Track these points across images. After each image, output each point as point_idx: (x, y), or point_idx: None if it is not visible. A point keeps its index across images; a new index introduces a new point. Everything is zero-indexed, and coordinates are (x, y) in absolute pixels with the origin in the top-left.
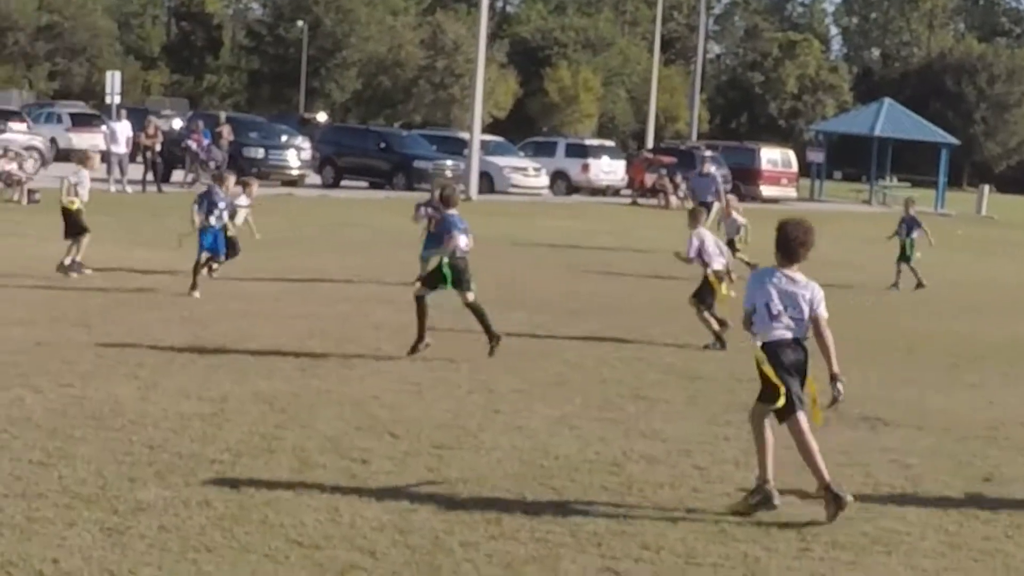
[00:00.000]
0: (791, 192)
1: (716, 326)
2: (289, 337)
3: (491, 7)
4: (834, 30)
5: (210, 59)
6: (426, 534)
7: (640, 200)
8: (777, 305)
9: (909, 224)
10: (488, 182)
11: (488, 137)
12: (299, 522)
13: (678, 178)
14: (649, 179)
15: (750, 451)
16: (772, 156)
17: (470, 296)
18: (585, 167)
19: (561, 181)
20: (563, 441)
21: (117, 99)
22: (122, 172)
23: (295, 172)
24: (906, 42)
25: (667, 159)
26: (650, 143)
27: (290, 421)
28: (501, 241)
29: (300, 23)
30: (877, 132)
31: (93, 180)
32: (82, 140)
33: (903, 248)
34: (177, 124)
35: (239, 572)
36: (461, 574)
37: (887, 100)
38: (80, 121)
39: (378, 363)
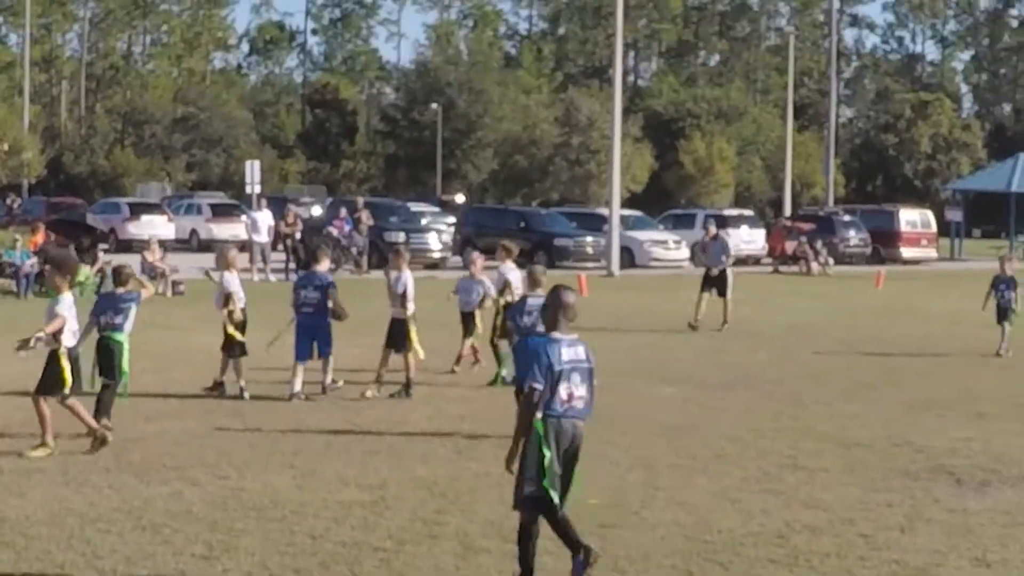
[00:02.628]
0: (931, 253)
1: None
2: (443, 420)
3: (623, 82)
4: (964, 88)
5: (346, 145)
6: None
7: (781, 268)
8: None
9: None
10: (629, 256)
11: (627, 212)
12: None
13: (818, 244)
14: (789, 246)
15: (914, 516)
16: (911, 217)
17: None
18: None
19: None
20: (725, 515)
21: (257, 188)
22: (264, 261)
23: (436, 255)
24: None
25: (806, 226)
26: (787, 210)
27: (451, 506)
28: (644, 315)
29: (434, 106)
30: (1014, 188)
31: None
32: (222, 231)
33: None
34: (317, 211)
35: None
36: None
37: (1022, 155)
38: (220, 212)
39: None
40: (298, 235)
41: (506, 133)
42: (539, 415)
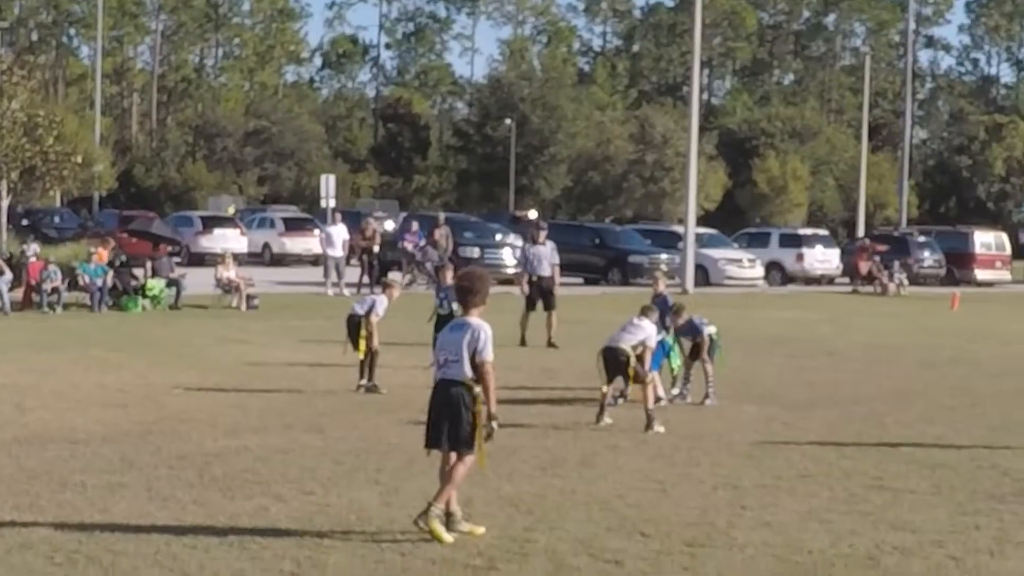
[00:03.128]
0: (1006, 275)
1: None
2: (525, 436)
3: (698, 99)
4: None
5: (418, 159)
6: None
7: (860, 288)
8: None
9: None
10: (703, 274)
11: (701, 229)
12: None
13: (894, 265)
14: (864, 267)
15: (1003, 539)
16: (986, 239)
17: None
18: (800, 257)
19: (776, 271)
20: (814, 536)
21: (332, 202)
22: (339, 276)
23: (511, 270)
24: None
25: (880, 246)
26: (861, 231)
27: (539, 523)
28: (721, 333)
29: (507, 121)
30: None
31: (310, 284)
32: (295, 244)
33: None
34: (390, 226)
35: None
36: None
37: None
38: (293, 226)
39: (617, 460)
40: (376, 249)
41: (579, 149)
42: None
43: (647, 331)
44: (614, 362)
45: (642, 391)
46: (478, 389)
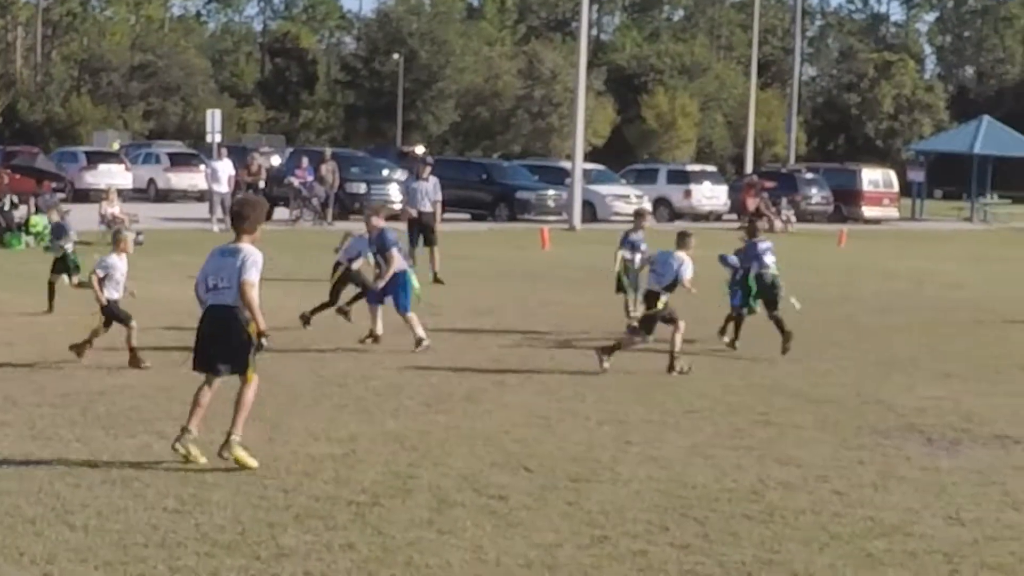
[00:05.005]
0: (893, 212)
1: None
2: (411, 373)
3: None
4: (928, 49)
5: (305, 95)
6: (574, 569)
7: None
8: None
9: None
10: (591, 210)
11: (589, 165)
12: (445, 562)
13: (782, 202)
14: (752, 203)
15: (887, 474)
16: (873, 177)
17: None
18: (687, 193)
19: (663, 208)
20: (699, 470)
21: (218, 138)
22: (224, 211)
23: (398, 206)
24: (1000, 59)
25: (768, 183)
26: (749, 167)
27: (423, 459)
28: (607, 269)
29: (395, 56)
30: (976, 150)
31: (195, 220)
32: (181, 180)
33: None
34: (276, 161)
35: None
36: None
37: (986, 118)
38: (179, 161)
39: (502, 396)
40: (262, 184)
41: (468, 85)
42: None
43: (683, 261)
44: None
45: (673, 332)
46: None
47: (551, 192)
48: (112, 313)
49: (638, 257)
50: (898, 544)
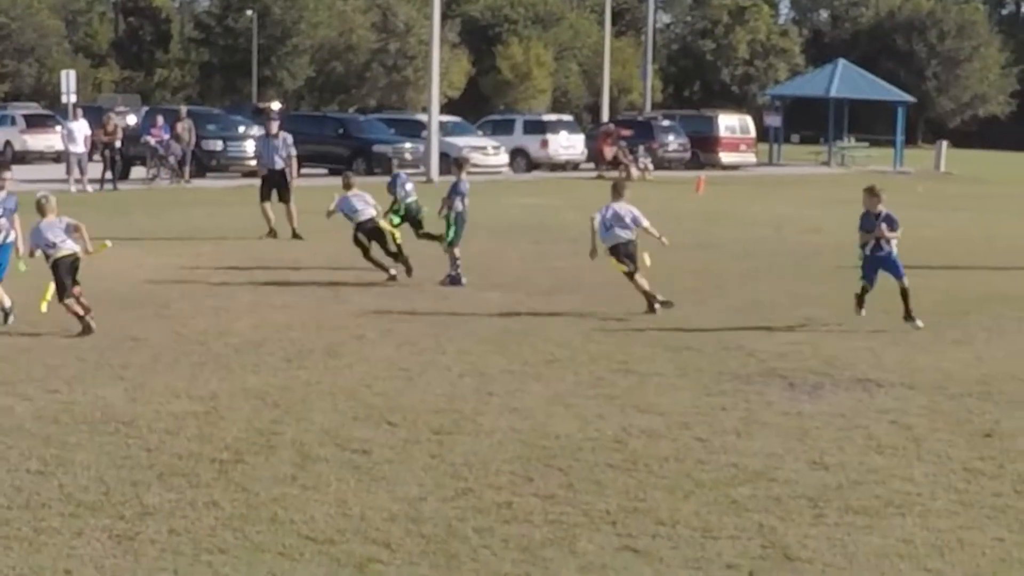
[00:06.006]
0: (750, 158)
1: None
2: (270, 329)
3: None
4: None
5: (160, 53)
6: (439, 522)
7: (605, 173)
8: None
9: None
10: (448, 163)
11: (445, 118)
12: (309, 517)
13: (639, 149)
14: (609, 152)
15: (749, 420)
16: (730, 123)
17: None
18: (544, 143)
19: (521, 158)
20: (561, 420)
21: (73, 98)
22: (82, 172)
23: (253, 162)
24: (855, 2)
25: (625, 131)
26: (606, 116)
27: (285, 415)
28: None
29: (249, 12)
30: (832, 93)
31: (52, 181)
32: (37, 141)
33: None
34: (132, 121)
35: (255, 572)
36: (480, 561)
37: (841, 61)
38: (35, 122)
39: (363, 350)
40: (118, 144)
41: (322, 39)
42: None
43: (633, 211)
44: (627, 254)
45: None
46: None
47: (408, 145)
48: None
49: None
50: (762, 490)
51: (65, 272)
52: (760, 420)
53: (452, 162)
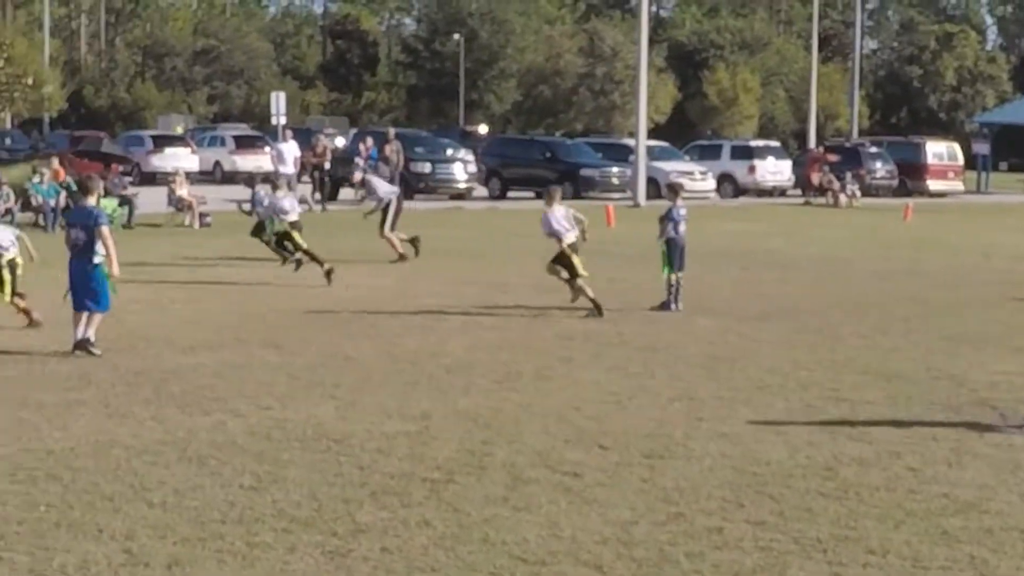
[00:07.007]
0: (958, 185)
1: (590, 294)
2: (480, 350)
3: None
4: (989, 20)
5: (367, 76)
6: (650, 546)
7: (812, 200)
8: None
9: None
10: (655, 187)
11: (653, 142)
12: (521, 539)
13: (846, 176)
14: (816, 178)
15: (960, 450)
16: (938, 150)
17: None
18: (751, 169)
19: (728, 184)
20: (772, 447)
21: (283, 120)
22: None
23: (462, 185)
24: None
25: (832, 157)
26: (812, 142)
27: (496, 436)
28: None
29: (456, 36)
30: None
31: None
32: (246, 162)
33: None
34: (340, 142)
35: None
36: None
37: None
38: (244, 143)
39: (573, 373)
40: (327, 166)
41: (529, 64)
42: None
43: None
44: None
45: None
46: None
47: (615, 169)
48: None
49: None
50: (974, 521)
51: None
52: (971, 451)
53: (667, 188)
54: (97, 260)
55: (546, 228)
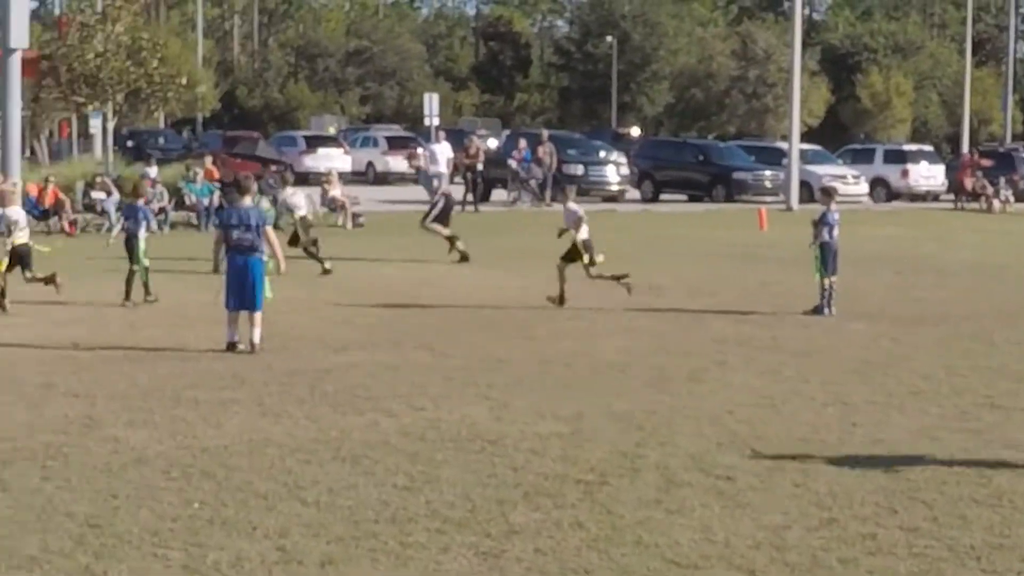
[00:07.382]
0: None
1: (562, 285)
2: (633, 353)
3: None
4: None
5: (519, 78)
6: (803, 551)
7: (965, 205)
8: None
9: None
10: (808, 191)
11: (806, 146)
12: (674, 542)
13: (1000, 181)
14: (969, 183)
15: None
16: None
17: None
18: (905, 173)
19: (880, 188)
20: (925, 453)
21: (436, 121)
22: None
23: (615, 188)
24: None
25: (985, 162)
26: (965, 146)
27: (649, 439)
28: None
29: (608, 39)
30: None
31: (411, 202)
32: (398, 163)
33: None
34: (493, 144)
35: None
36: None
37: None
38: (396, 144)
39: (725, 376)
40: (480, 167)
41: (681, 66)
42: None
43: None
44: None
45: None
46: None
47: (768, 173)
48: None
49: (835, 233)
50: None
51: None
52: None
53: (820, 192)
54: (263, 259)
55: (571, 218)
